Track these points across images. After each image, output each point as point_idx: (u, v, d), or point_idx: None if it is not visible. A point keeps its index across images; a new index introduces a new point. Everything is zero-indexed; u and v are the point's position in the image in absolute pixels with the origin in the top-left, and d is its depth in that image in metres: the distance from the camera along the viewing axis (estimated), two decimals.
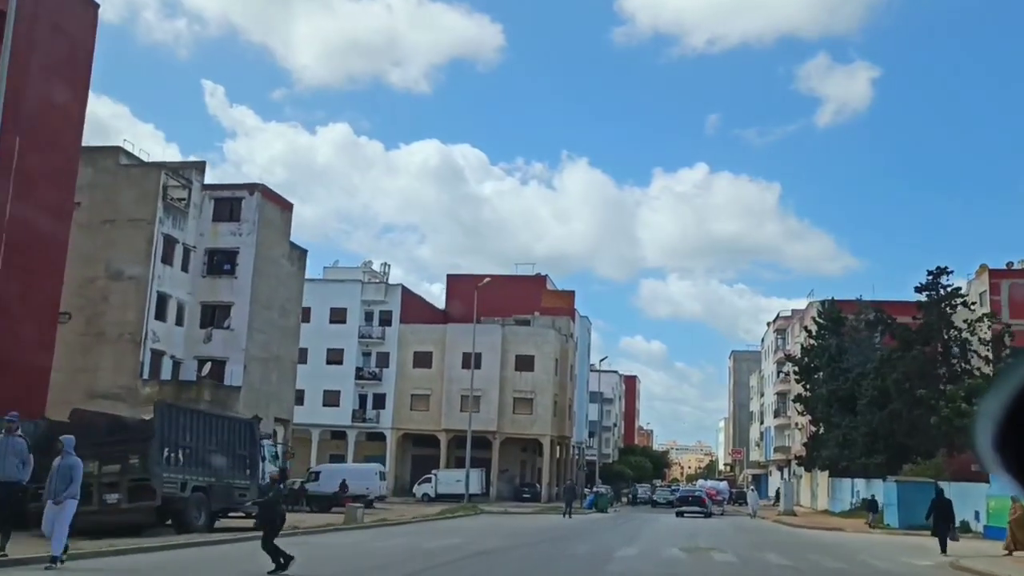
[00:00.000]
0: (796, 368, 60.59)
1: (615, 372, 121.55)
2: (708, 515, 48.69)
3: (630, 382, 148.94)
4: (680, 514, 48.44)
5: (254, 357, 48.70)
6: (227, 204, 49.74)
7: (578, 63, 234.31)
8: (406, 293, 69.95)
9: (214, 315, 47.81)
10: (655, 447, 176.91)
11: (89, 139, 34.28)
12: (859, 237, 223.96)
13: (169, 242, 44.71)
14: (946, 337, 46.68)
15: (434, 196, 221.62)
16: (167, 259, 44.57)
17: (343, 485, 45.16)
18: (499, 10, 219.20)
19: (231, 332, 47.10)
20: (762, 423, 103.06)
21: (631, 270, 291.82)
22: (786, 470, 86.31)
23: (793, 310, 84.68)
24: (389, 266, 76.47)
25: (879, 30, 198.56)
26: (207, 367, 46.81)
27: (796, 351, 63.46)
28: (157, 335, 43.72)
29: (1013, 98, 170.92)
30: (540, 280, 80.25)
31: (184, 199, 46.66)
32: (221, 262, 48.40)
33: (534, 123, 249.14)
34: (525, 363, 66.76)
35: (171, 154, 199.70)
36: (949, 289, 47.54)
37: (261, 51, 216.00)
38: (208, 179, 49.87)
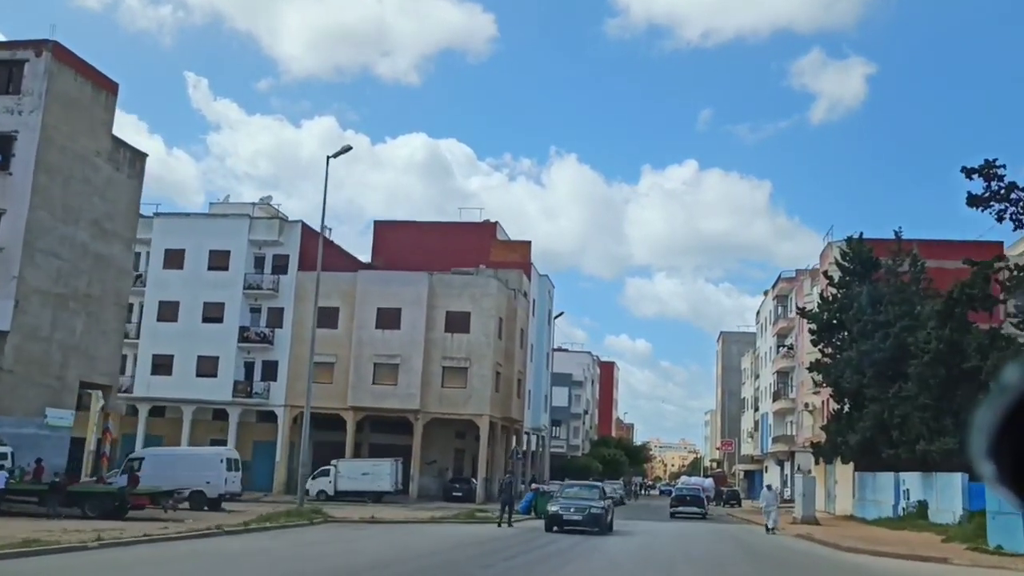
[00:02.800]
0: (813, 327, 45.49)
1: (588, 353, 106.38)
2: (705, 516, 44.93)
3: (607, 368, 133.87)
4: (674, 515, 44.52)
5: (37, 291, 33.44)
6: (3, 69, 34.52)
7: (570, 55, 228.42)
8: (308, 233, 54.46)
9: None
10: (636, 443, 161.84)
11: None
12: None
13: None
14: None
15: (420, 191, 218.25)
16: None
17: (132, 477, 29.83)
18: None
19: None
20: (757, 410, 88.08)
21: (618, 268, 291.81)
22: (787, 464, 71.34)
23: (798, 270, 69.72)
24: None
25: (875, 25, 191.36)
26: None
27: (806, 316, 48.32)
28: None
29: (1010, 96, 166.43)
30: (488, 228, 64.88)
31: None
32: None
33: (523, 117, 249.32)
34: (458, 322, 51.38)
35: (155, 146, 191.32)
36: None
37: (246, 40, 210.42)
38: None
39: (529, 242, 65.01)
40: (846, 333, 43.42)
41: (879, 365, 39.48)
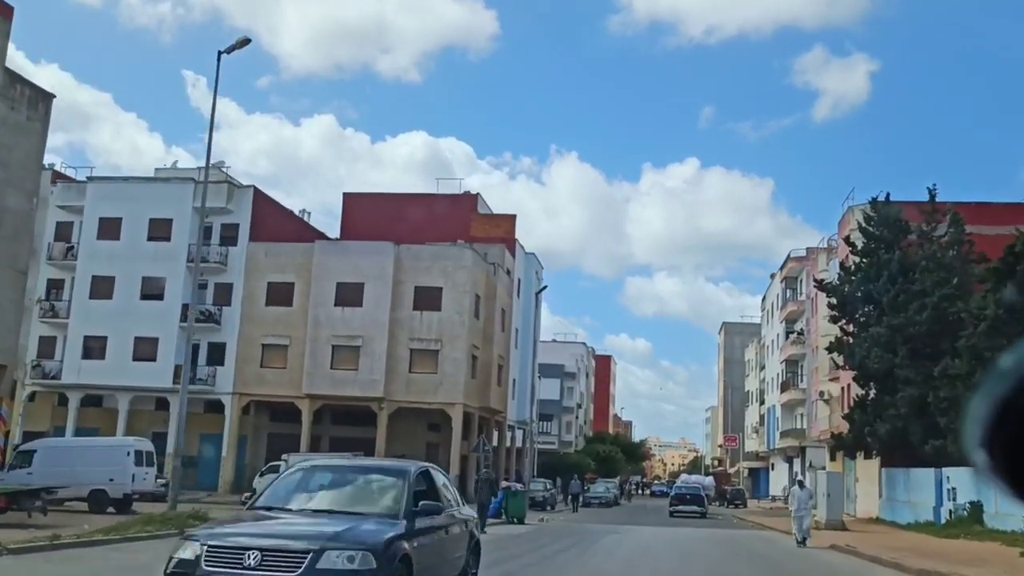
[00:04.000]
0: (833, 301, 39.47)
1: (583, 344, 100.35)
2: (704, 514, 44.33)
3: (604, 362, 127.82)
4: (674, 514, 43.84)
5: None
6: None
7: (572, 52, 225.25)
8: (261, 200, 48.48)
9: None
10: (635, 441, 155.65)
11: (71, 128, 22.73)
12: None
13: None
14: None
15: (420, 190, 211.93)
16: None
17: None
18: None
19: None
20: (762, 404, 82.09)
21: (619, 267, 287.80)
22: (797, 460, 65.37)
23: (808, 248, 63.70)
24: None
25: (880, 22, 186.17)
26: None
27: (825, 289, 42.20)
28: None
29: (1014, 94, 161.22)
30: (469, 200, 58.85)
31: None
32: None
33: (524, 115, 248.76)
34: (428, 299, 45.34)
35: (154, 144, 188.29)
36: None
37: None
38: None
39: (514, 216, 59.02)
40: (871, 307, 37.41)
41: (915, 341, 33.51)
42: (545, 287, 50.90)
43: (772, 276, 77.11)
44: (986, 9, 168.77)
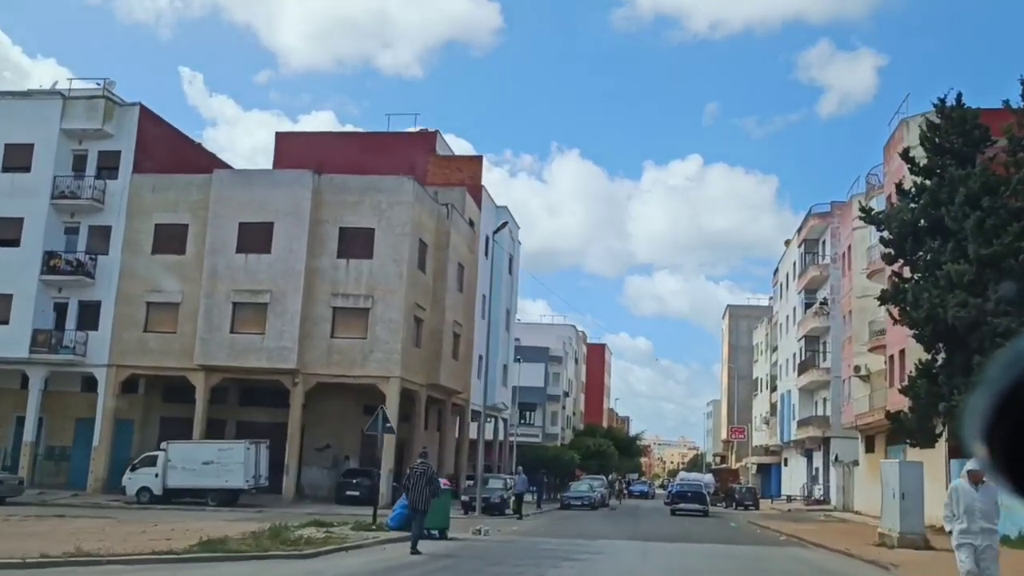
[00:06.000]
0: (886, 235, 29.35)
1: (572, 326, 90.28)
2: (706, 513, 41.29)
3: (597, 351, 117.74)
4: (675, 512, 41.11)
5: None
6: None
7: (576, 48, 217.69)
8: (149, 121, 38.36)
9: None
10: (631, 436, 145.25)
11: None
12: None
13: None
14: None
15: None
16: None
17: None
18: None
19: None
20: (774, 391, 72.05)
21: (620, 265, 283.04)
22: (818, 453, 55.48)
23: (833, 203, 53.70)
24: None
25: (888, 16, 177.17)
26: None
27: (875, 220, 32.02)
28: None
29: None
30: (425, 139, 48.71)
31: None
32: None
33: (525, 112, 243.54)
34: (356, 243, 35.21)
35: None
36: None
37: (244, 32, 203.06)
38: None
39: (480, 157, 49.02)
40: (939, 240, 27.31)
41: (1016, 275, 23.48)
42: (504, 224, 40.19)
43: (787, 243, 67.10)
44: (993, 1, 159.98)
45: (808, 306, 55.83)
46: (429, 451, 26.24)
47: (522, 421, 74.56)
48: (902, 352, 31.84)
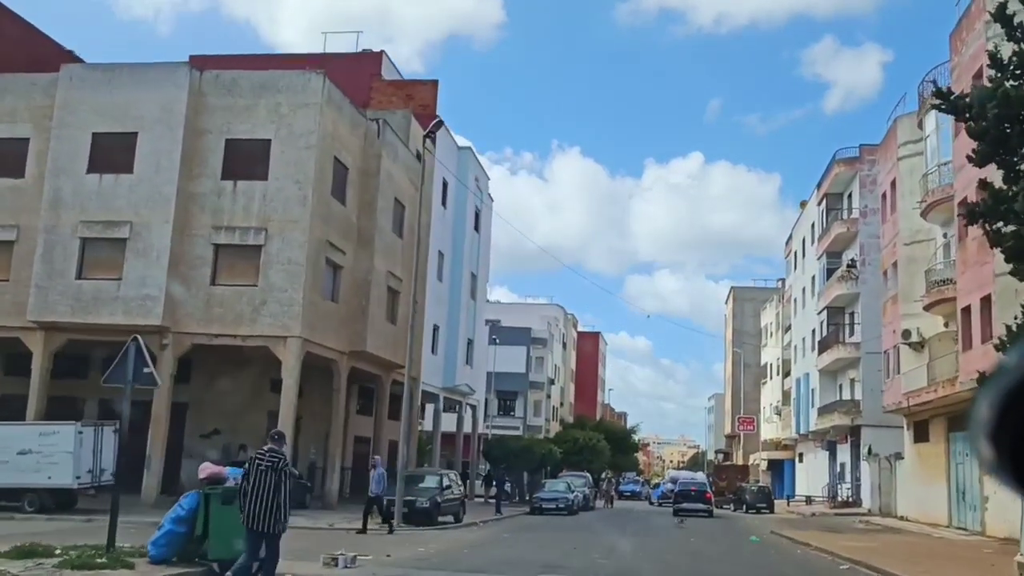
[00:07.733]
0: (972, 124, 20.49)
1: (559, 306, 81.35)
2: (711, 513, 38.60)
3: (591, 339, 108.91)
4: (677, 512, 37.40)
5: None
6: None
7: (578, 42, 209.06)
8: None
9: None
10: (627, 430, 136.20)
11: None
12: None
13: None
14: None
15: None
16: None
17: None
18: None
19: None
20: (787, 376, 63.23)
21: (621, 264, 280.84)
22: (843, 446, 46.66)
23: (862, 145, 44.86)
24: None
25: (893, 11, 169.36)
26: None
27: (959, 109, 23.29)
28: None
29: None
30: (368, 60, 39.91)
31: None
32: None
33: (526, 110, 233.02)
34: (247, 159, 26.36)
35: None
36: None
37: (244, 27, 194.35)
38: None
39: (435, 81, 40.10)
40: None
41: None
42: (439, 121, 30.95)
43: (802, 204, 58.34)
44: None
45: (831, 272, 47.02)
46: (332, 435, 17.32)
47: (500, 411, 65.79)
48: (986, 299, 23.03)
